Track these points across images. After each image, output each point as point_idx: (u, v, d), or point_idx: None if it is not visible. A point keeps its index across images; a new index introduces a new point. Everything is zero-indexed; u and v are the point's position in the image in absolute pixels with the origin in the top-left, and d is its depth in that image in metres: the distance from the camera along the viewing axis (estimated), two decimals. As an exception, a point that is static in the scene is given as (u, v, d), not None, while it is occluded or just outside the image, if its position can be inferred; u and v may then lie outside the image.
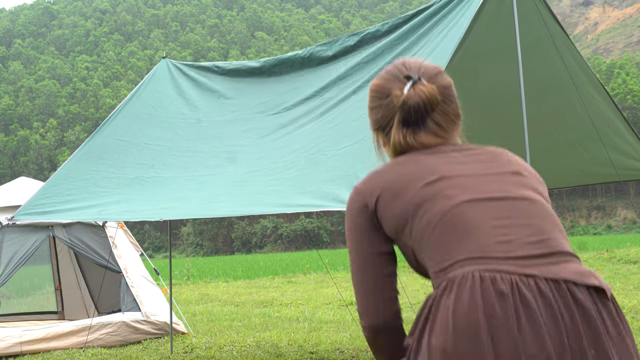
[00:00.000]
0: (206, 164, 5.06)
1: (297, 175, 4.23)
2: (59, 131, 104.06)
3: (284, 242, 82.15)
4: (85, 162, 5.45)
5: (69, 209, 4.96)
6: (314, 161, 4.26)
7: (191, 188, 4.77)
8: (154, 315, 7.43)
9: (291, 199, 3.97)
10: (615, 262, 15.81)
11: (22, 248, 7.16)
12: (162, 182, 5.01)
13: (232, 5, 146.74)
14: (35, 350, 6.79)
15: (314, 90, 5.14)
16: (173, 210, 4.58)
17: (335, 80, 5.04)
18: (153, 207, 4.71)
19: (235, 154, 5.01)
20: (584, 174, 5.88)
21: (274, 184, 4.26)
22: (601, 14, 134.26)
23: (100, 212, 4.84)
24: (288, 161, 4.46)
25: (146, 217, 4.60)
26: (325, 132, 4.55)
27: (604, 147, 5.30)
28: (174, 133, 5.59)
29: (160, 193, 4.85)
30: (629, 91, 79.54)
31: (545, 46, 4.81)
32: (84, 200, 5.00)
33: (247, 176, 4.59)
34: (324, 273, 18.21)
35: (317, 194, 3.80)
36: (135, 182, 5.08)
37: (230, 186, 4.57)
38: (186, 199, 4.63)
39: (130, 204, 4.82)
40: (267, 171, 4.50)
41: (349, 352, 6.12)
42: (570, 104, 5.16)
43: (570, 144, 5.50)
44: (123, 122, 5.79)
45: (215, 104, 5.75)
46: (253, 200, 4.23)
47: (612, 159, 5.46)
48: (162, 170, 5.16)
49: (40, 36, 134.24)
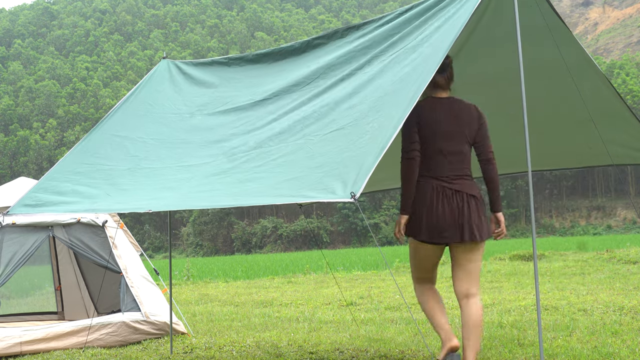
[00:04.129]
0: (197, 153, 5.06)
1: (285, 164, 4.16)
2: (58, 131, 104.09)
3: (283, 242, 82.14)
4: (80, 157, 5.48)
5: (62, 202, 4.97)
6: (303, 149, 4.20)
7: (181, 178, 4.75)
8: (153, 316, 7.43)
9: (280, 190, 3.88)
10: (615, 262, 15.81)
11: (22, 248, 7.16)
12: (153, 172, 5.01)
13: (232, 5, 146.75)
14: (35, 351, 6.79)
15: (303, 77, 5.14)
16: (161, 201, 4.55)
17: (325, 69, 5.04)
18: (142, 197, 4.70)
19: (225, 143, 5.01)
20: (592, 152, 5.88)
21: (263, 173, 4.21)
22: (601, 14, 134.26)
23: (92, 204, 4.85)
24: (275, 148, 4.43)
25: (135, 208, 4.57)
26: (314, 119, 4.51)
27: (609, 130, 5.40)
28: (168, 127, 5.61)
29: (151, 184, 4.84)
30: (628, 91, 79.56)
31: (545, 34, 4.83)
32: (76, 194, 5.02)
33: (237, 166, 4.57)
34: (324, 273, 18.22)
35: (306, 184, 3.71)
36: (127, 174, 5.09)
37: (218, 176, 4.55)
38: (175, 189, 4.61)
39: (121, 196, 4.83)
40: (256, 160, 4.47)
41: (349, 352, 6.12)
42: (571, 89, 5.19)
43: (580, 121, 5.52)
44: (120, 119, 5.81)
45: (209, 98, 5.78)
46: (241, 190, 4.17)
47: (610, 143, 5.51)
48: (154, 162, 5.16)
49: (40, 36, 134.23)
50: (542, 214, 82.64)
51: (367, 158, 3.53)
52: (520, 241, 48.32)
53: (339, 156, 3.76)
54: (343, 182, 3.46)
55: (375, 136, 3.71)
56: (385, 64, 4.49)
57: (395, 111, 3.82)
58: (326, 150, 3.96)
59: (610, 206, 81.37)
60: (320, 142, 4.10)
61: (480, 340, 4.61)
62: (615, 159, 5.75)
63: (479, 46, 5.08)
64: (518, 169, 6.46)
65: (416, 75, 4.06)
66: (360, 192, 3.32)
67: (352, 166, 3.56)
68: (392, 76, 4.29)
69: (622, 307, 8.02)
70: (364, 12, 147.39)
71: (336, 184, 3.49)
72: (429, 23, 4.51)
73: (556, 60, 5.03)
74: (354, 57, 4.88)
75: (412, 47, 4.41)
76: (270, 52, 5.76)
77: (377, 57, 4.66)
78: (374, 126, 3.82)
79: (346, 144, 3.85)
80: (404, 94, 3.96)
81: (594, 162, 6.19)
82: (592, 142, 5.69)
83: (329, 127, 4.19)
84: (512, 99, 5.23)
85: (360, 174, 3.44)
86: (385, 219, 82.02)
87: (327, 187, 3.52)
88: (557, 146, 6.02)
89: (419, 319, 8.19)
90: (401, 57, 4.41)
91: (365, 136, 3.79)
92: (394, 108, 3.88)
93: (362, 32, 5.09)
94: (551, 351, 5.61)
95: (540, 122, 5.45)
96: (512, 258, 18.83)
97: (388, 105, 3.98)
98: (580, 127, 5.61)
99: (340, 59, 4.98)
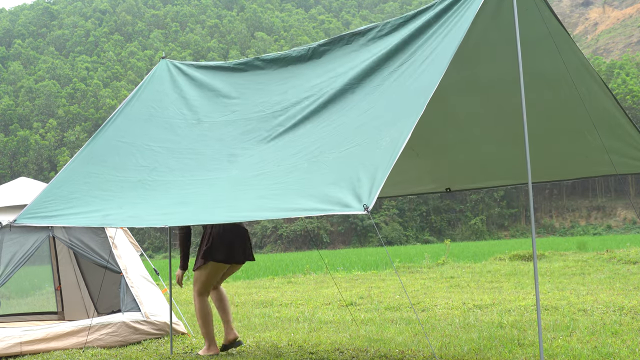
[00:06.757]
0: (208, 166, 5.05)
1: (299, 178, 4.23)
2: (58, 131, 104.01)
3: (283, 242, 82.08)
4: (87, 165, 5.43)
5: (73, 214, 4.92)
6: (316, 164, 4.26)
7: (194, 192, 4.76)
8: (153, 316, 7.43)
9: (294, 203, 3.97)
10: (615, 262, 15.81)
11: (22, 248, 7.15)
12: (165, 185, 5.00)
13: (232, 5, 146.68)
14: (35, 351, 6.79)
15: (311, 87, 5.13)
16: (177, 216, 4.56)
17: (332, 79, 5.04)
18: (157, 212, 4.69)
19: (237, 157, 5.00)
20: (590, 161, 5.88)
21: (277, 188, 4.27)
22: (601, 14, 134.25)
23: (104, 217, 4.82)
24: (290, 164, 4.46)
25: (150, 223, 4.59)
26: (326, 134, 4.56)
27: (608, 138, 5.41)
28: (175, 134, 5.58)
29: (164, 197, 4.83)
30: (628, 91, 79.51)
31: (546, 42, 4.83)
32: (87, 204, 4.97)
33: (250, 180, 4.59)
34: (323, 273, 18.21)
35: (320, 197, 3.82)
36: (139, 186, 5.07)
37: (233, 190, 4.57)
38: (189, 204, 4.62)
39: (133, 209, 4.80)
40: (270, 175, 4.50)
41: (349, 353, 6.12)
42: (572, 97, 5.19)
43: (577, 130, 5.52)
44: (124, 123, 5.78)
45: (215, 104, 5.75)
46: (256, 205, 4.24)
47: (611, 152, 5.50)
48: (165, 174, 5.14)
49: (40, 36, 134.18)
50: (542, 214, 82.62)
51: (378, 172, 3.70)
52: (520, 241, 48.33)
53: (353, 171, 3.88)
54: (356, 196, 3.63)
55: (386, 151, 3.84)
56: (394, 78, 4.57)
57: (405, 125, 3.92)
58: (340, 166, 4.08)
59: (610, 206, 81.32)
60: (334, 159, 4.21)
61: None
62: (618, 169, 5.74)
63: (477, 52, 5.06)
64: (516, 181, 6.47)
65: (422, 88, 4.14)
66: (372, 204, 3.50)
67: (364, 180, 3.72)
68: (400, 91, 4.37)
69: (622, 307, 8.02)
70: (364, 12, 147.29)
71: (350, 197, 3.64)
72: (432, 31, 4.53)
73: (555, 68, 5.03)
74: (362, 68, 4.88)
75: (417, 60, 4.47)
76: (276, 58, 5.71)
77: (383, 71, 4.73)
78: (386, 140, 3.96)
79: (359, 160, 3.97)
80: (411, 108, 4.04)
81: (594, 172, 6.19)
82: (590, 151, 5.68)
83: (344, 146, 4.28)
84: (509, 109, 5.24)
85: (373, 187, 3.62)
86: (386, 219, 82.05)
87: (340, 200, 3.67)
88: (555, 156, 6.00)
89: (422, 318, 8.20)
90: (407, 71, 4.49)
91: (376, 152, 3.93)
92: (404, 122, 3.96)
93: (368, 39, 5.09)
94: (551, 351, 5.61)
95: (539, 132, 5.42)
96: (512, 258, 18.83)
97: (399, 120, 4.06)
98: (578, 136, 5.60)
99: (348, 69, 4.97)
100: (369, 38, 5.08)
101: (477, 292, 11.05)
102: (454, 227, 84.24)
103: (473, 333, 6.82)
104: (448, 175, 6.77)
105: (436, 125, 5.68)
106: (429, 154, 6.30)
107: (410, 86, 4.29)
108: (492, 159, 6.26)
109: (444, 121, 5.80)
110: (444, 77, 4.08)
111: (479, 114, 5.77)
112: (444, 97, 5.02)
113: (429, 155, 6.34)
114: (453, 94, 5.35)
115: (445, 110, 5.57)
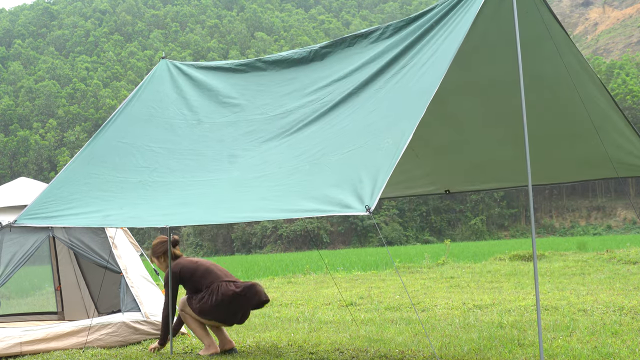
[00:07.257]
0: (208, 167, 5.05)
1: (301, 180, 4.23)
2: (58, 131, 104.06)
3: (283, 242, 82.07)
4: (88, 165, 5.42)
5: (73, 214, 4.92)
6: (318, 166, 4.26)
7: (195, 193, 4.76)
8: (154, 316, 7.43)
9: (296, 204, 3.98)
10: (615, 262, 15.81)
11: (22, 248, 7.15)
12: (166, 186, 4.99)
13: (232, 5, 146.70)
14: (35, 351, 6.79)
15: (313, 91, 5.13)
16: (178, 216, 4.56)
17: (335, 82, 5.04)
18: (157, 213, 4.69)
19: (238, 158, 5.00)
20: (590, 164, 5.88)
21: (278, 189, 4.27)
22: (601, 15, 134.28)
23: (105, 218, 4.81)
24: (292, 166, 4.46)
25: (151, 223, 4.59)
26: (328, 136, 4.56)
27: (608, 141, 5.41)
28: (175, 134, 5.57)
29: (164, 198, 4.83)
30: (628, 91, 79.52)
31: (545, 44, 4.83)
32: (87, 205, 4.97)
33: (251, 182, 4.59)
34: (323, 273, 18.21)
35: (322, 199, 3.83)
36: (139, 187, 5.06)
37: (234, 192, 4.57)
38: (190, 205, 4.62)
39: (134, 210, 4.80)
40: (271, 176, 4.50)
41: (349, 353, 6.12)
42: (572, 100, 5.19)
43: (577, 133, 5.52)
44: (124, 123, 5.77)
45: (215, 104, 5.73)
46: (258, 206, 4.25)
47: (611, 155, 5.50)
48: (165, 174, 5.14)
49: (40, 36, 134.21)
50: (542, 214, 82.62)
51: (379, 174, 3.72)
52: (520, 241, 48.33)
53: (354, 173, 3.90)
54: (358, 197, 3.65)
55: (388, 152, 3.86)
56: (396, 80, 4.58)
57: (406, 126, 3.94)
58: (341, 167, 4.09)
59: (610, 206, 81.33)
60: (336, 161, 4.22)
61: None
62: (619, 172, 5.73)
63: (477, 54, 5.06)
64: (516, 183, 6.46)
65: (423, 90, 4.16)
66: (374, 205, 3.53)
67: (366, 181, 3.74)
68: (402, 93, 4.39)
69: (622, 308, 8.01)
70: (364, 13, 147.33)
71: (351, 198, 3.66)
72: (433, 33, 4.54)
73: (555, 70, 5.02)
74: (364, 70, 4.88)
75: (419, 62, 4.49)
76: (277, 60, 5.69)
77: (385, 74, 4.73)
78: (387, 142, 3.98)
79: (361, 161, 3.99)
80: (413, 110, 4.06)
81: (594, 175, 6.19)
82: (591, 154, 5.67)
83: (346, 148, 4.29)
84: (509, 111, 5.23)
85: (375, 188, 3.64)
86: (386, 219, 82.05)
87: (342, 201, 3.69)
88: (555, 159, 5.99)
89: (422, 318, 8.19)
90: (408, 74, 4.50)
91: (378, 153, 3.95)
92: (405, 124, 3.98)
93: (370, 41, 5.09)
94: (551, 351, 5.61)
95: (539, 134, 5.41)
96: (512, 258, 18.83)
97: (400, 122, 4.08)
98: (578, 138, 5.60)
99: (351, 72, 4.97)
100: (371, 40, 5.08)
101: (477, 292, 11.05)
102: (454, 227, 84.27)
103: (473, 333, 6.82)
104: (447, 176, 6.77)
105: (436, 126, 5.68)
106: (429, 154, 6.30)
107: (412, 88, 4.30)
108: (492, 160, 6.25)
109: (443, 122, 5.79)
110: (444, 78, 4.08)
111: (478, 115, 5.76)
112: (444, 99, 5.01)
113: (429, 156, 6.33)
114: (453, 96, 5.34)
115: (445, 112, 5.56)
